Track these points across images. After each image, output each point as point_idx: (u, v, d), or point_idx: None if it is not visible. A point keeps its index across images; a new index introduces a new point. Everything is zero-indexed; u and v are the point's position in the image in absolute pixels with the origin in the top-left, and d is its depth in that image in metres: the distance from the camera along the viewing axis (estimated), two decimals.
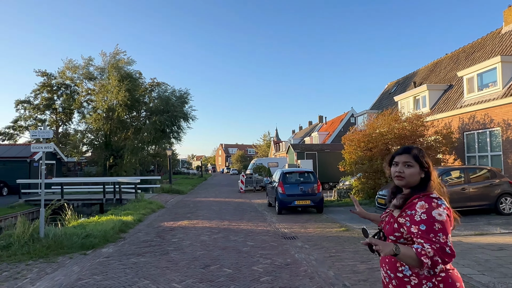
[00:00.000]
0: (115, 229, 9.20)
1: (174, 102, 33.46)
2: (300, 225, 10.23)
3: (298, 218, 11.48)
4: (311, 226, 10.01)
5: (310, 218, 11.39)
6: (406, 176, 1.85)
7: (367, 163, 14.75)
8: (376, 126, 15.02)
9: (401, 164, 1.88)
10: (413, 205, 1.77)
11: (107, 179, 19.95)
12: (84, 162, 42.53)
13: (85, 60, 34.68)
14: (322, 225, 10.15)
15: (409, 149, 1.92)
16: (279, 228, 9.80)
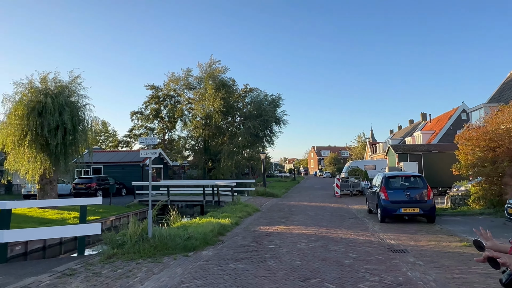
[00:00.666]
0: (214, 232, 9.41)
1: (266, 107, 34.04)
2: (409, 236, 9.06)
3: (405, 228, 10.23)
4: (423, 238, 8.76)
5: (420, 229, 10.04)
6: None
7: (489, 166, 12.52)
8: (500, 121, 12.66)
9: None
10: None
11: (206, 182, 21.09)
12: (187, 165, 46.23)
13: (185, 72, 37.78)
14: (436, 237, 8.81)
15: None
16: (384, 238, 8.82)
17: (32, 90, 17.44)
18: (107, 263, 6.44)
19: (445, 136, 35.14)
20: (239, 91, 40.25)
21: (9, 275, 5.62)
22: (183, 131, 41.46)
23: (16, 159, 17.12)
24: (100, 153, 31.99)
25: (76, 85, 18.75)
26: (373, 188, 12.91)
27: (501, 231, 9.27)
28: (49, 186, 17.91)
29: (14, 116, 16.97)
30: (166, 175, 32.51)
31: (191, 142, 41.31)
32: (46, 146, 17.13)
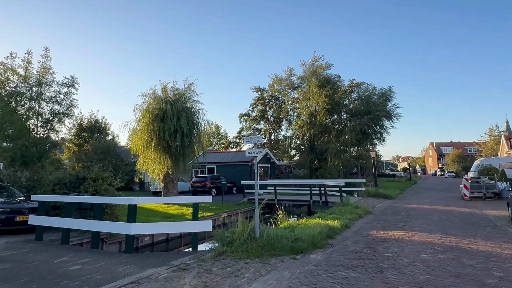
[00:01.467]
0: (322, 235, 8.90)
1: (375, 101, 31.75)
2: None
3: None
4: None
5: None
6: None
7: None
8: None
9: None
10: None
11: (313, 181, 20.60)
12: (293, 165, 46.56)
13: (287, 72, 37.96)
14: None
15: None
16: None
17: (155, 98, 19.70)
18: (217, 260, 6.57)
19: None
20: (344, 87, 38.63)
21: (134, 265, 6.18)
22: (288, 130, 41.85)
23: (145, 160, 19.56)
24: (213, 154, 34.48)
25: (191, 91, 20.50)
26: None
27: None
28: (171, 184, 19.94)
29: (142, 122, 19.44)
30: (273, 174, 33.16)
31: (296, 142, 41.40)
32: (168, 148, 19.11)
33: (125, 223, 7.10)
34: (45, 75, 15.03)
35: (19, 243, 8.33)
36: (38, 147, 14.63)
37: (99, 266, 6.20)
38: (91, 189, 10.87)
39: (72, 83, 15.52)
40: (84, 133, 37.34)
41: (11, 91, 14.40)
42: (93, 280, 5.38)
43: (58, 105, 15.29)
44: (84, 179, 11.18)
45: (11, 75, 14.45)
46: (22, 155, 14.07)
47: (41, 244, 8.24)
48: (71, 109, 15.55)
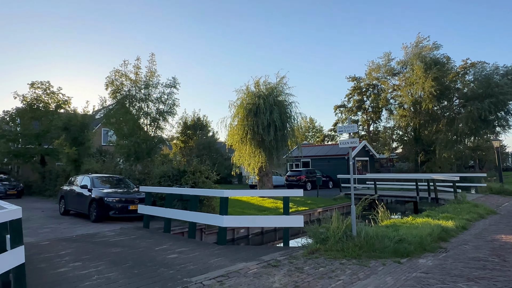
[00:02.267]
0: (433, 236, 7.69)
1: (497, 81, 26.96)
2: None
3: None
4: None
5: None
6: None
7: None
8: None
9: None
10: None
11: (420, 176, 18.50)
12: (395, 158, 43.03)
13: (384, 58, 34.89)
14: None
15: None
16: None
17: (249, 94, 20.09)
18: (309, 258, 6.12)
19: None
20: (456, 68, 33.80)
21: (225, 257, 6.16)
22: (389, 121, 38.62)
23: (240, 154, 20.15)
24: (308, 147, 33.92)
25: (282, 85, 20.35)
26: None
27: None
28: (266, 178, 20.15)
29: (237, 118, 20.05)
30: (372, 168, 31.08)
31: (398, 133, 37.99)
32: (262, 142, 19.32)
33: (218, 215, 7.19)
34: (151, 78, 16.57)
35: (130, 230, 9.21)
36: (148, 143, 16.22)
37: (193, 256, 6.35)
38: (190, 181, 11.52)
39: (174, 84, 16.74)
40: (188, 130, 40.74)
41: (125, 94, 16.26)
42: (186, 269, 5.48)
43: (163, 105, 16.68)
44: (185, 172, 11.91)
45: (124, 80, 16.29)
46: (135, 151, 15.78)
47: (147, 232, 8.97)
48: (174, 108, 16.79)
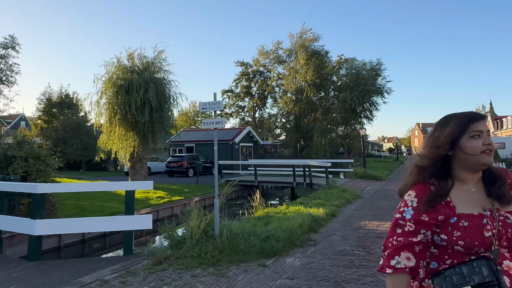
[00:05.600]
0: (304, 228, 7.12)
1: (364, 75, 29.88)
2: None
3: None
4: None
5: None
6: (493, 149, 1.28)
7: None
8: None
9: (485, 133, 1.30)
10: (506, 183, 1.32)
11: (297, 162, 18.88)
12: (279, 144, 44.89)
13: (274, 45, 35.59)
14: None
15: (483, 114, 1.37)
16: None
17: (120, 67, 17.31)
18: (153, 271, 4.69)
19: None
20: (332, 63, 36.53)
21: (23, 284, 4.24)
22: (274, 108, 39.85)
23: (109, 137, 17.39)
24: (193, 132, 32.36)
25: (161, 60, 18.12)
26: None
27: None
28: (139, 164, 17.89)
29: (105, 95, 17.14)
30: (256, 154, 31.36)
31: (282, 120, 39.56)
32: (135, 124, 16.92)
33: (28, 220, 5.09)
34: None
35: None
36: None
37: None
38: (20, 170, 8.79)
39: (12, 44, 13.00)
40: (53, 109, 34.63)
41: None
42: None
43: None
44: (13, 158, 9.08)
45: None
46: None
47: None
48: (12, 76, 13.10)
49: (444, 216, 1.28)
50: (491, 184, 1.33)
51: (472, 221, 1.25)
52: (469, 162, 1.31)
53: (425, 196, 1.30)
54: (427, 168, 1.36)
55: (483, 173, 1.36)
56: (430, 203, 1.29)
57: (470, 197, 1.32)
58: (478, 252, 1.24)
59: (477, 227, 1.23)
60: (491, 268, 1.18)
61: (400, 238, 1.30)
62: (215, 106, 5.85)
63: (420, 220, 1.29)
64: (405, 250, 1.28)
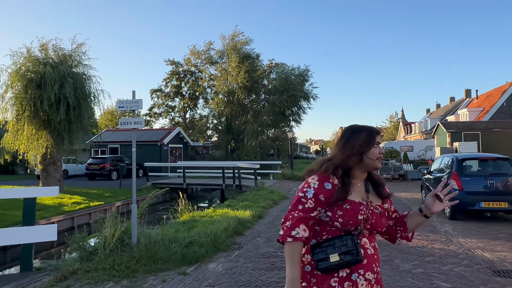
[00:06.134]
0: (229, 231, 7.02)
1: (293, 80, 31.06)
2: (506, 244, 6.30)
3: (490, 229, 7.46)
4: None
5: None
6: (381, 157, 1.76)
7: None
8: None
9: (379, 144, 1.75)
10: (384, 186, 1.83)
11: (226, 163, 18.82)
12: (210, 146, 44.45)
13: (206, 45, 35.20)
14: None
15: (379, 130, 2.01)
16: (470, 247, 6.11)
17: (30, 58, 15.47)
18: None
19: (498, 114, 30.96)
20: (263, 66, 37.37)
21: None
22: (205, 109, 39.40)
23: (17, 136, 15.44)
24: (118, 132, 30.38)
25: (81, 54, 16.63)
26: (434, 174, 10.07)
27: None
28: (53, 167, 16.16)
29: (10, 88, 15.19)
30: (186, 155, 30.60)
31: (213, 121, 39.26)
32: (47, 122, 15.27)
33: None
34: None
35: None
36: None
37: None
38: None
39: None
40: None
41: None
42: None
43: None
44: None
45: None
46: None
47: None
48: None
49: (339, 199, 1.63)
50: (375, 185, 1.79)
51: (353, 206, 1.64)
52: (368, 164, 1.71)
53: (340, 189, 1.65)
54: (339, 166, 1.70)
55: (369, 175, 1.79)
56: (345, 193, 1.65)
57: (357, 189, 1.71)
58: (349, 230, 1.64)
59: (355, 211, 1.63)
60: (354, 241, 1.60)
61: (301, 213, 1.61)
62: (134, 105, 5.45)
63: (318, 199, 1.63)
64: (303, 223, 1.60)
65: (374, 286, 1.67)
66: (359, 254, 1.57)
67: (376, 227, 1.70)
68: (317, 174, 1.70)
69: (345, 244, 1.59)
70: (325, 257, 1.59)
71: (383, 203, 1.78)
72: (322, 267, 1.60)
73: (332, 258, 1.58)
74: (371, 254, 1.67)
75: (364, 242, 1.67)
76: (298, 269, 1.58)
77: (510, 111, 30.66)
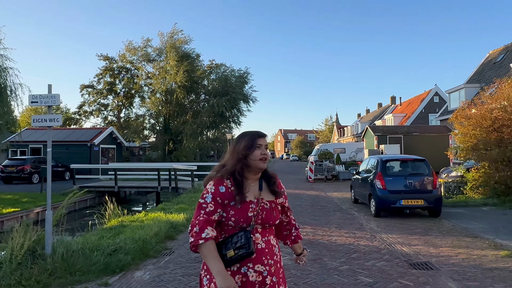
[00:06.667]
0: (160, 236, 6.71)
1: (233, 82, 31.11)
2: (421, 238, 6.88)
3: (409, 225, 8.10)
4: (441, 242, 6.60)
5: (429, 227, 7.93)
6: (268, 157, 1.93)
7: (495, 149, 10.70)
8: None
9: (263, 146, 1.91)
10: (280, 184, 2.03)
11: (162, 165, 18.15)
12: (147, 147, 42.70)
13: (143, 42, 33.70)
14: (457, 241, 6.67)
15: (263, 133, 1.97)
16: (391, 243, 6.56)
17: None
18: None
19: (417, 119, 34.21)
20: (204, 67, 36.82)
21: None
22: (141, 108, 37.65)
23: None
24: (41, 130, 27.68)
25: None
26: (362, 174, 10.72)
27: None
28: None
29: None
30: (120, 156, 28.93)
31: (150, 121, 37.68)
32: None
33: None
34: None
35: None
36: None
37: None
38: None
39: None
40: None
41: None
42: None
43: None
44: None
45: None
46: None
47: None
48: None
49: (228, 200, 1.80)
50: (269, 182, 1.94)
51: (243, 205, 1.79)
52: (253, 166, 1.87)
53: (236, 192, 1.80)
54: (230, 170, 1.86)
55: (263, 174, 1.94)
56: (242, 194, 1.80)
57: (250, 188, 1.86)
58: (242, 226, 1.78)
59: (245, 209, 1.79)
60: (247, 236, 1.73)
61: (205, 216, 1.76)
62: (50, 100, 4.91)
63: (217, 201, 1.79)
64: (209, 225, 1.74)
65: (268, 277, 1.78)
66: (250, 247, 1.70)
67: (266, 221, 1.85)
68: (213, 180, 1.86)
69: (239, 239, 1.73)
70: (223, 253, 1.72)
71: (276, 198, 1.94)
72: (226, 260, 1.72)
73: (228, 254, 1.72)
74: (261, 249, 1.81)
75: (256, 238, 1.80)
76: (220, 261, 1.69)
77: (427, 117, 34.06)
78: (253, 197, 1.84)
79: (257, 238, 1.80)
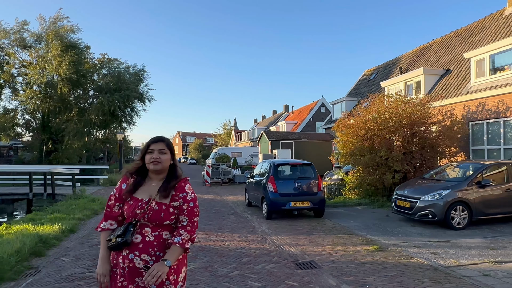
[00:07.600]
0: (24, 253, 5.64)
1: (127, 79, 29.04)
2: (307, 238, 7.33)
3: (296, 226, 8.58)
4: (324, 241, 7.13)
5: (314, 226, 8.53)
6: (162, 161, 2.12)
7: (367, 155, 12.20)
8: (383, 110, 12.42)
9: (156, 151, 2.11)
10: (183, 188, 2.13)
11: (36, 168, 15.72)
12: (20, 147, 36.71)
13: (18, 24, 28.93)
14: (337, 239, 7.31)
15: (162, 138, 2.19)
16: (281, 245, 6.81)
17: None
18: None
19: (306, 127, 37.25)
20: (94, 60, 33.42)
21: None
22: (13, 101, 32.12)
23: None
24: None
25: None
26: (255, 178, 11.01)
27: (387, 223, 8.59)
28: None
29: None
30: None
31: (24, 117, 32.44)
32: None
33: None
34: None
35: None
36: None
37: None
38: None
39: None
40: None
41: None
42: None
43: None
44: None
45: None
46: None
47: None
48: None
49: (125, 197, 2.12)
50: (167, 186, 2.12)
51: (134, 202, 2.08)
52: (148, 168, 2.14)
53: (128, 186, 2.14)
54: (132, 170, 2.19)
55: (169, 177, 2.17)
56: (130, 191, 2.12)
57: (148, 188, 2.13)
58: (131, 220, 2.07)
59: (133, 206, 2.07)
60: (127, 228, 2.02)
61: (108, 208, 2.17)
62: None
63: (115, 196, 2.16)
64: (110, 219, 2.16)
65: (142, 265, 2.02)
66: (126, 237, 1.98)
67: (153, 219, 2.04)
68: (122, 178, 2.19)
69: (123, 229, 2.03)
70: (109, 239, 2.06)
71: (170, 201, 2.08)
72: (108, 246, 2.07)
73: (113, 239, 2.03)
74: (149, 241, 2.03)
75: (146, 231, 2.05)
76: (104, 250, 2.09)
77: (315, 124, 37.40)
78: (147, 196, 2.09)
79: (146, 232, 2.04)
